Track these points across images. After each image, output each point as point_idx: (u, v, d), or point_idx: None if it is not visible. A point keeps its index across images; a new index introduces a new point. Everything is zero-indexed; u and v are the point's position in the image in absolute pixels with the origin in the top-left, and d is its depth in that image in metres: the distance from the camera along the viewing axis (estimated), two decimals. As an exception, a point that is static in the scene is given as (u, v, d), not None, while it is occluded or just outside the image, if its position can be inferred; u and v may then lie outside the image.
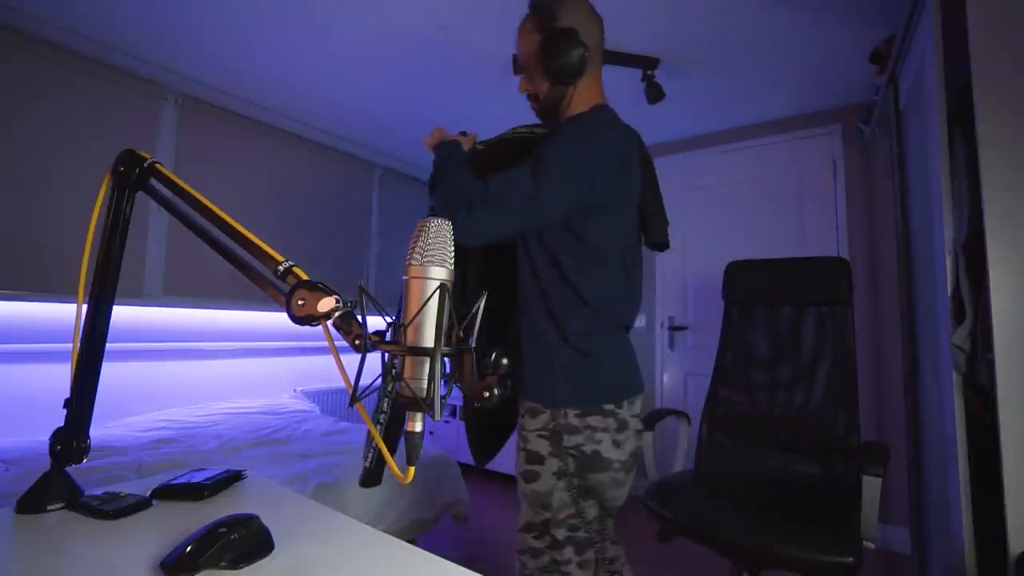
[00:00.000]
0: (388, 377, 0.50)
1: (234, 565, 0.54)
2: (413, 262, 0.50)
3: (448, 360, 0.52)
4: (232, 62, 2.29)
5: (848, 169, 2.58)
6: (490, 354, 0.52)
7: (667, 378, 3.03)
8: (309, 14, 1.93)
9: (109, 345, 0.75)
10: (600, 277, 0.98)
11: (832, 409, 1.59)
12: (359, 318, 0.53)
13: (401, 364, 0.50)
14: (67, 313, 2.09)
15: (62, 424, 0.72)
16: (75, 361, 0.72)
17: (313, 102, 2.70)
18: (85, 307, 0.73)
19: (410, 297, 0.50)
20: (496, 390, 0.49)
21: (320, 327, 0.54)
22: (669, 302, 3.08)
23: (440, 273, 0.50)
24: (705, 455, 1.74)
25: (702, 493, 1.50)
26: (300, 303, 0.54)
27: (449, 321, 0.50)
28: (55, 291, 2.01)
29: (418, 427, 0.50)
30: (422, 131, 3.00)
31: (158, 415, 2.27)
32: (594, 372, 0.97)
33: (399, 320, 0.51)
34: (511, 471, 1.99)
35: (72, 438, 0.72)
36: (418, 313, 0.49)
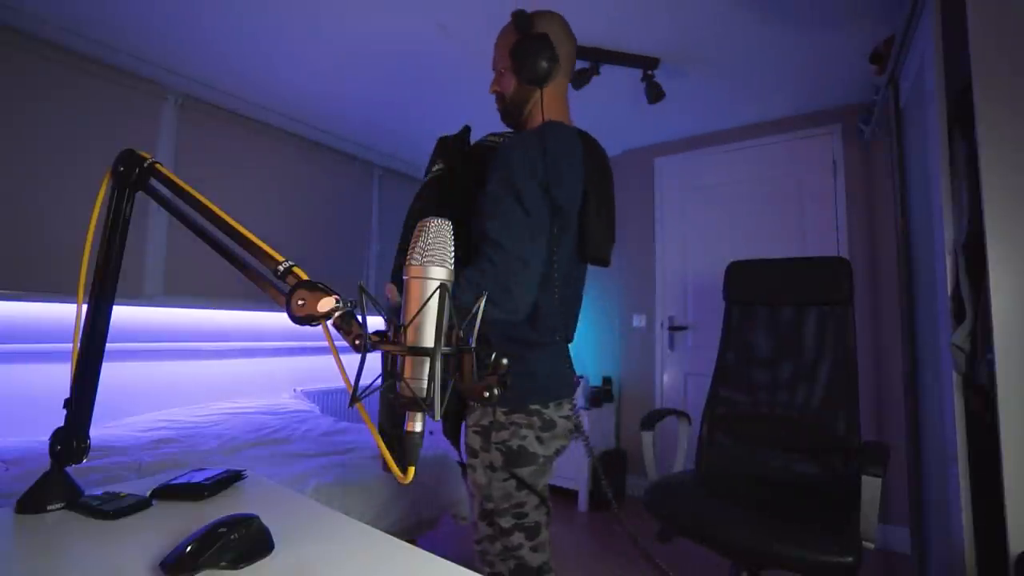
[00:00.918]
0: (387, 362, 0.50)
1: (234, 565, 0.54)
2: (413, 262, 0.50)
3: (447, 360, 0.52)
4: (232, 62, 2.29)
5: (848, 169, 2.58)
6: (490, 354, 0.52)
7: (667, 378, 3.03)
8: (309, 14, 1.93)
9: (109, 345, 0.75)
10: (544, 295, 0.99)
11: (832, 409, 1.60)
12: (359, 318, 0.53)
13: (401, 364, 0.50)
14: (67, 313, 2.08)
15: (62, 424, 0.72)
16: (75, 361, 0.72)
17: (313, 102, 2.70)
18: (85, 307, 0.73)
19: (410, 297, 0.50)
20: (496, 390, 0.49)
21: (320, 327, 0.54)
22: (669, 302, 3.08)
23: (440, 273, 0.50)
24: (705, 455, 1.74)
25: (702, 493, 1.50)
26: (300, 303, 0.54)
27: (449, 321, 0.50)
28: (55, 291, 2.01)
29: (418, 427, 0.50)
30: (422, 131, 3.02)
31: (158, 415, 2.27)
32: (524, 377, 1.00)
33: (399, 320, 0.51)
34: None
35: (72, 438, 0.72)
36: (418, 313, 0.49)
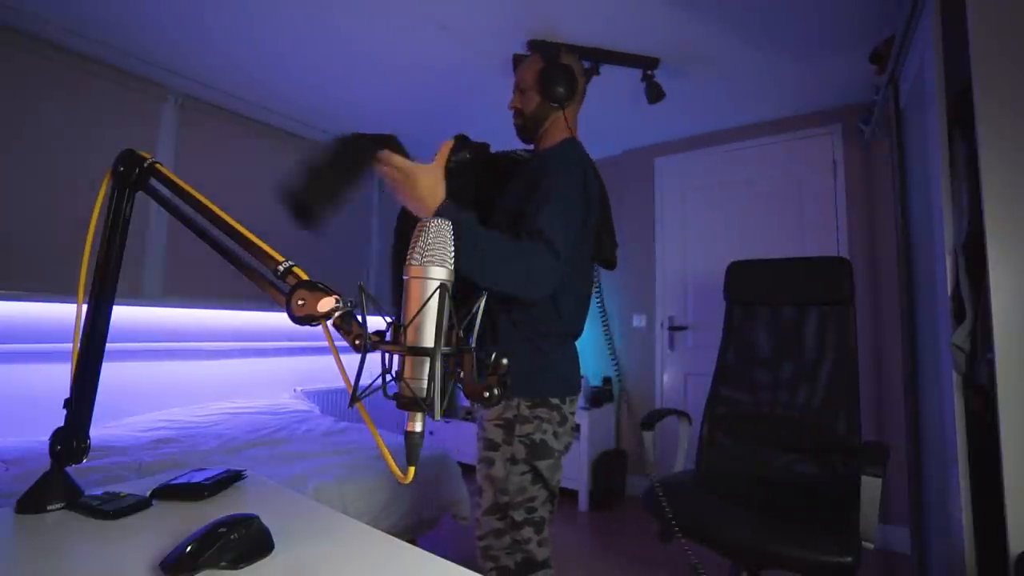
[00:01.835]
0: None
1: (234, 565, 0.53)
2: (413, 262, 0.50)
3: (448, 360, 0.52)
4: (233, 63, 2.29)
5: (848, 169, 2.58)
6: (490, 354, 0.52)
7: (667, 378, 3.03)
8: (309, 15, 1.93)
9: (109, 345, 0.75)
10: (572, 292, 1.10)
11: (833, 409, 1.59)
12: (359, 318, 0.53)
13: (401, 364, 0.50)
14: (67, 313, 2.08)
15: (62, 424, 0.72)
16: (75, 361, 0.72)
17: (313, 102, 2.70)
18: (85, 307, 0.73)
19: (410, 297, 0.50)
20: (496, 390, 0.49)
21: (320, 327, 0.54)
22: (669, 302, 3.08)
23: (440, 273, 0.50)
24: (705, 455, 1.74)
25: (702, 493, 1.50)
26: (300, 303, 0.54)
27: (449, 321, 0.50)
28: (55, 291, 2.02)
29: (418, 427, 0.50)
30: (422, 131, 3.02)
31: (158, 415, 2.27)
32: (547, 370, 1.08)
33: (399, 320, 0.51)
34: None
35: (72, 438, 0.71)
36: (418, 313, 0.49)
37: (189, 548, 0.53)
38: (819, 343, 1.68)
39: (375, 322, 0.49)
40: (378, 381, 0.50)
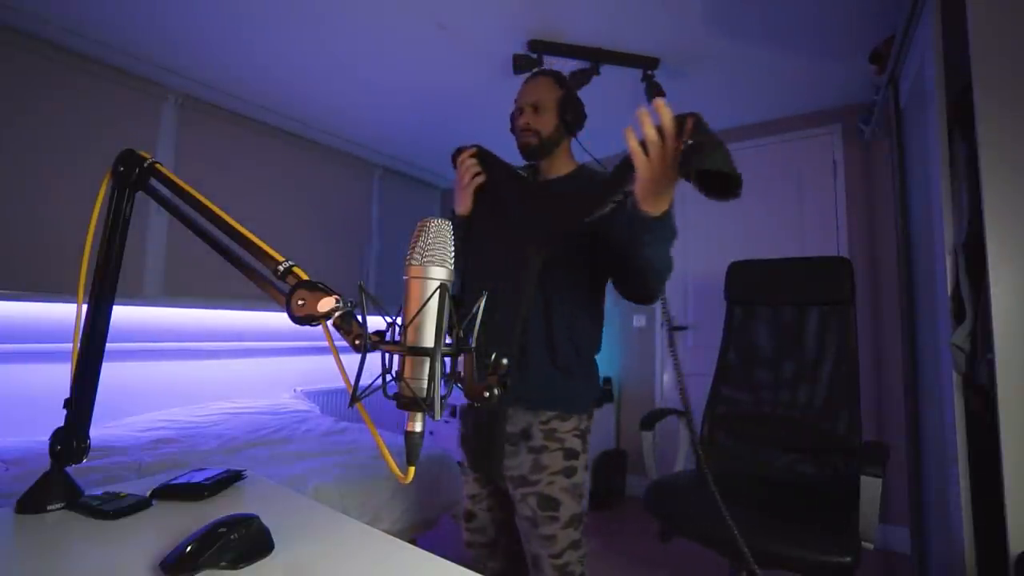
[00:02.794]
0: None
1: (234, 565, 0.54)
2: (413, 262, 0.50)
3: (448, 360, 0.52)
4: (232, 62, 2.29)
5: (848, 169, 2.57)
6: (490, 354, 0.52)
7: (667, 378, 3.03)
8: (309, 15, 1.93)
9: (109, 345, 0.75)
10: (601, 322, 1.22)
11: (834, 409, 1.59)
12: (359, 318, 0.53)
13: (401, 364, 0.50)
14: (67, 313, 2.08)
15: (62, 424, 0.72)
16: (75, 361, 0.72)
17: (313, 102, 2.70)
18: (85, 307, 0.73)
19: (410, 297, 0.50)
20: (496, 390, 0.49)
21: (320, 327, 0.54)
22: (669, 302, 3.07)
23: (440, 273, 0.50)
24: (705, 455, 1.73)
25: (702, 493, 1.50)
26: (300, 303, 0.54)
27: (449, 321, 0.50)
28: (55, 291, 2.01)
29: (418, 427, 0.50)
30: (422, 131, 3.02)
31: (158, 415, 2.26)
32: (592, 387, 1.20)
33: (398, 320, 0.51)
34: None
35: (72, 438, 0.72)
36: (418, 313, 0.49)
37: (189, 548, 0.53)
38: (819, 343, 1.68)
39: (375, 322, 0.49)
40: (378, 381, 0.50)
